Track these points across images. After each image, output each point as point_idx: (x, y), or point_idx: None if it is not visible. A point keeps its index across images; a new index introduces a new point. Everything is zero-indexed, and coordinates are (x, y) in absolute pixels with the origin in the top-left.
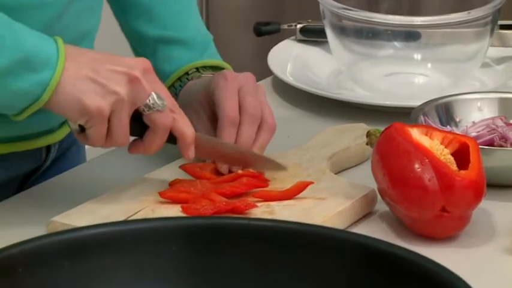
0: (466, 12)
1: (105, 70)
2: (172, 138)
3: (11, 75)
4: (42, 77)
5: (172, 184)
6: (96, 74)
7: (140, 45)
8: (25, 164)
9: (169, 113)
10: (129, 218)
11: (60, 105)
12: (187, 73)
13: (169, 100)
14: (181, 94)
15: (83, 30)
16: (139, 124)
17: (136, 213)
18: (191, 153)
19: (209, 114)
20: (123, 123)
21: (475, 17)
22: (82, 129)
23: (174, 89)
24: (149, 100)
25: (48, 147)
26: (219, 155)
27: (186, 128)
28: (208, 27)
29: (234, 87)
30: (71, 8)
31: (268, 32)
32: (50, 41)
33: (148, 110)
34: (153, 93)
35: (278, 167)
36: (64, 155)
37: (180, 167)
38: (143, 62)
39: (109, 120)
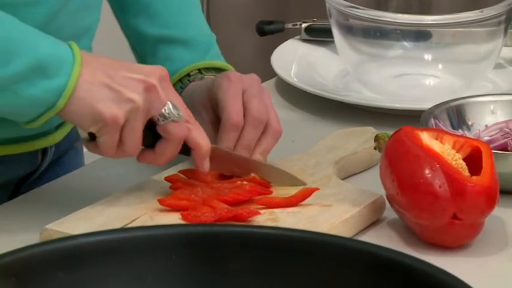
0: (478, 10)
1: (121, 77)
2: (185, 149)
3: (23, 81)
4: (56, 83)
5: (173, 187)
6: (112, 81)
7: (140, 44)
8: (20, 168)
9: (184, 124)
10: (127, 226)
11: (73, 112)
12: (188, 74)
13: (185, 110)
14: (182, 96)
15: (81, 28)
16: (150, 133)
17: (134, 220)
18: (206, 165)
19: (212, 117)
20: (136, 132)
21: (487, 16)
22: (92, 137)
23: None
24: (165, 109)
25: (44, 150)
26: (234, 168)
27: (201, 140)
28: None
29: (238, 89)
30: (68, 5)
31: (271, 32)
32: (64, 47)
33: (163, 120)
34: (168, 102)
35: (296, 181)
36: (61, 159)
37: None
38: (160, 70)
39: (122, 129)
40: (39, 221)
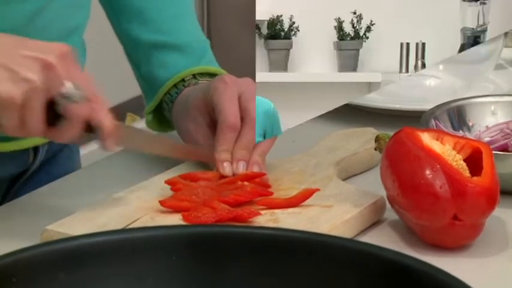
0: None
1: (18, 56)
2: (91, 128)
3: None
4: None
5: (173, 188)
6: (9, 60)
7: (134, 50)
8: (11, 167)
9: (86, 104)
10: (128, 227)
11: None
12: (183, 80)
13: (88, 89)
14: (177, 101)
15: (70, 25)
16: (55, 112)
17: (134, 221)
18: (110, 144)
19: (208, 121)
20: (36, 111)
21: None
22: None
23: (170, 96)
24: (64, 89)
25: (35, 149)
26: (145, 146)
27: (104, 119)
28: (208, 27)
29: (234, 92)
30: (55, 3)
31: None
32: None
33: (64, 100)
34: (69, 82)
35: (207, 156)
36: (55, 158)
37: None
38: (60, 47)
39: (22, 109)
40: (40, 222)
